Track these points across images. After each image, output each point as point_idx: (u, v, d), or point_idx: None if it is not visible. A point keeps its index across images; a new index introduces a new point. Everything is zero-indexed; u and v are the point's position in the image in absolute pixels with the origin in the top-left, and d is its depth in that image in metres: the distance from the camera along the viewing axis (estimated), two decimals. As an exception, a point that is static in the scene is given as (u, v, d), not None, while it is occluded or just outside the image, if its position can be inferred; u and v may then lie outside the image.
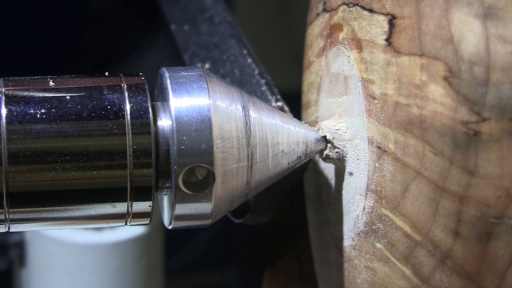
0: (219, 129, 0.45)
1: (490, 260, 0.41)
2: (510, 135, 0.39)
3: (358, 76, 0.47)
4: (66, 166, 0.44)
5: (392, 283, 0.45)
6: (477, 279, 0.41)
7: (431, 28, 0.41)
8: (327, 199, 0.53)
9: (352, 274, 0.49)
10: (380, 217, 0.45)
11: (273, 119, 0.48)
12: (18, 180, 0.44)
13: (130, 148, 0.45)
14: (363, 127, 0.47)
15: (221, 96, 0.46)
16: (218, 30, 0.62)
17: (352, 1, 0.48)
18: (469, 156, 0.40)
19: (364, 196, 0.47)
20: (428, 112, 0.41)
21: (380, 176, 0.45)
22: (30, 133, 0.44)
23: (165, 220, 0.49)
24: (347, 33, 0.49)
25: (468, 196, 0.40)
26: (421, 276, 0.43)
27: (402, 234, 0.44)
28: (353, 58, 0.48)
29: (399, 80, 0.43)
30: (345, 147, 0.49)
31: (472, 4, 0.40)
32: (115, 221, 0.47)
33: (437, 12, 0.41)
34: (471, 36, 0.40)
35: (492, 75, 0.39)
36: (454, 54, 0.40)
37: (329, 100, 0.52)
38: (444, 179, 0.41)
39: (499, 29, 0.39)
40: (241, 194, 0.47)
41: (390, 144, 0.44)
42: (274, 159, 0.48)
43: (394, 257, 0.45)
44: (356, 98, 0.48)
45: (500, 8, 0.40)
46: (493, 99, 0.39)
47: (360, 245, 0.48)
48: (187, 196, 0.46)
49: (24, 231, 0.70)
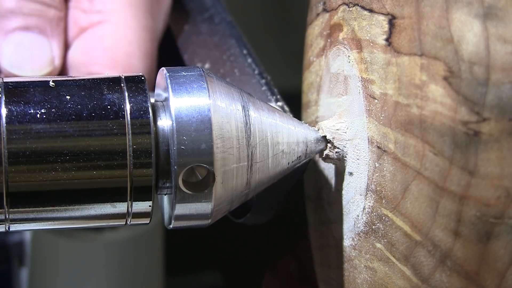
0: (219, 129, 0.45)
1: (490, 260, 0.41)
2: (510, 135, 0.39)
3: (358, 76, 0.47)
4: (66, 166, 0.44)
5: (392, 283, 0.45)
6: (477, 279, 0.41)
7: (431, 28, 0.41)
8: (327, 199, 0.53)
9: (352, 274, 0.49)
10: (380, 217, 0.45)
11: (273, 119, 0.48)
12: (18, 180, 0.44)
13: (130, 148, 0.45)
14: (363, 127, 0.47)
15: (221, 96, 0.46)
16: (218, 30, 0.62)
17: (352, 1, 0.48)
18: (469, 156, 0.40)
19: (364, 196, 0.47)
20: (428, 112, 0.41)
21: (380, 176, 0.45)
22: (30, 133, 0.44)
23: (165, 220, 0.49)
24: (347, 33, 0.49)
25: (468, 196, 0.40)
26: (421, 276, 0.43)
27: (402, 234, 0.44)
28: (353, 58, 0.48)
29: (399, 80, 0.43)
30: (345, 147, 0.49)
31: (472, 4, 0.40)
32: (115, 221, 0.47)
33: (437, 12, 0.41)
34: (471, 36, 0.40)
35: (492, 75, 0.39)
36: (454, 54, 0.40)
37: (329, 100, 0.52)
38: (444, 179, 0.41)
39: (499, 29, 0.39)
40: (241, 194, 0.47)
41: (390, 144, 0.44)
42: (274, 159, 0.48)
43: (394, 257, 0.45)
44: (356, 98, 0.48)
45: (500, 8, 0.40)
46: (493, 99, 0.39)
47: (360, 245, 0.48)
48: (187, 196, 0.46)
49: (24, 231, 0.70)
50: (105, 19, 0.56)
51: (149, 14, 0.58)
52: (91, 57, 0.55)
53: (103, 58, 0.55)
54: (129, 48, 0.56)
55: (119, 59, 0.55)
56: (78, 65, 0.56)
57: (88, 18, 0.56)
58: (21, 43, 0.55)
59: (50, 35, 0.56)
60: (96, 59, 0.55)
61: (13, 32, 0.55)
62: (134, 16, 0.57)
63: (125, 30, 0.56)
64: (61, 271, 0.72)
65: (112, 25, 0.56)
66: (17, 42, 0.55)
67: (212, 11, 0.64)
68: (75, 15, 0.57)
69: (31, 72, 0.55)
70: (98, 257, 0.72)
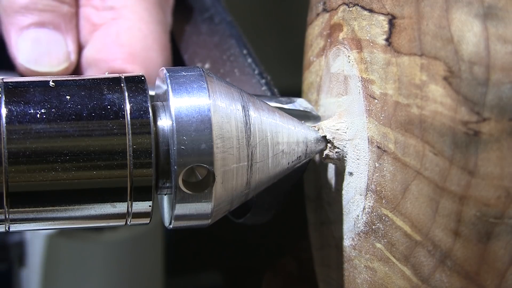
0: (219, 129, 0.45)
1: (490, 260, 0.41)
2: (510, 135, 0.39)
3: (358, 76, 0.47)
4: (66, 166, 0.44)
5: (392, 283, 0.45)
6: (477, 279, 0.41)
7: (431, 28, 0.41)
8: (327, 199, 0.53)
9: (352, 274, 0.49)
10: (380, 217, 0.45)
11: (273, 119, 0.48)
12: (18, 180, 0.44)
13: (130, 148, 0.45)
14: (363, 127, 0.47)
15: (221, 96, 0.46)
16: (218, 30, 0.62)
17: (352, 1, 0.48)
18: (469, 156, 0.40)
19: (364, 196, 0.47)
20: (428, 112, 0.41)
21: (380, 176, 0.45)
22: (30, 133, 0.44)
23: (165, 220, 0.49)
24: (347, 33, 0.49)
25: (468, 196, 0.40)
26: (421, 276, 0.43)
27: (402, 234, 0.44)
28: (353, 58, 0.48)
29: (399, 80, 0.43)
30: (345, 147, 0.49)
31: (472, 4, 0.40)
32: (115, 221, 0.47)
33: (437, 12, 0.41)
34: (471, 36, 0.40)
35: (492, 75, 0.39)
36: (454, 54, 0.40)
37: (329, 100, 0.52)
38: (444, 179, 0.41)
39: (499, 29, 0.39)
40: (241, 194, 0.47)
41: (390, 144, 0.44)
42: (274, 159, 0.48)
43: (394, 257, 0.45)
44: (356, 98, 0.48)
45: (500, 8, 0.40)
46: (493, 99, 0.39)
47: (360, 245, 0.48)
48: (187, 196, 0.46)
49: (24, 231, 0.70)
50: (118, 15, 0.56)
51: (159, 7, 0.58)
52: (110, 53, 0.56)
53: (122, 53, 0.56)
54: (146, 41, 0.56)
55: (138, 53, 0.56)
56: (98, 62, 0.56)
57: (101, 15, 0.57)
58: (37, 39, 0.55)
59: (65, 31, 0.56)
60: (115, 54, 0.56)
61: (28, 28, 0.56)
62: (146, 10, 0.57)
63: (139, 24, 0.56)
64: (61, 271, 0.72)
65: (126, 21, 0.56)
66: (33, 38, 0.55)
67: (212, 11, 0.64)
68: (87, 12, 0.57)
69: (48, 68, 0.55)
70: (98, 257, 0.72)
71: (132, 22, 0.56)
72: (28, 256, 0.75)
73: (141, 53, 0.56)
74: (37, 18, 0.55)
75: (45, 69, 0.55)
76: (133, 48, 0.56)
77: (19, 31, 0.56)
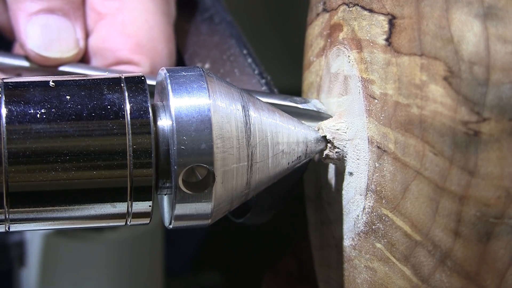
0: (219, 129, 0.45)
1: (490, 260, 0.41)
2: (510, 135, 0.39)
3: (358, 76, 0.47)
4: (66, 166, 0.44)
5: (392, 283, 0.45)
6: (477, 279, 0.41)
7: (431, 28, 0.41)
8: (327, 199, 0.53)
9: (352, 274, 0.49)
10: (380, 217, 0.45)
11: (273, 119, 0.48)
12: (18, 180, 0.44)
13: (130, 148, 0.45)
14: (363, 127, 0.47)
15: (221, 96, 0.46)
16: (218, 30, 0.62)
17: (352, 1, 0.48)
18: (469, 156, 0.40)
19: (364, 196, 0.47)
20: (428, 112, 0.41)
21: (380, 176, 0.45)
22: (30, 133, 0.44)
23: (165, 220, 0.49)
24: (347, 33, 0.49)
25: (468, 196, 0.40)
26: (421, 276, 0.43)
27: (402, 234, 0.44)
28: (353, 58, 0.48)
29: (399, 80, 0.43)
30: (345, 147, 0.49)
31: (472, 4, 0.40)
32: (115, 221, 0.47)
33: (437, 12, 0.41)
34: (471, 36, 0.40)
35: (492, 75, 0.39)
36: (454, 54, 0.40)
37: (329, 100, 0.52)
38: (444, 179, 0.41)
39: (499, 29, 0.39)
40: (241, 194, 0.47)
41: (390, 144, 0.44)
42: (274, 159, 0.48)
43: (394, 257, 0.45)
44: (356, 98, 0.48)
45: (500, 8, 0.40)
46: (493, 99, 0.39)
47: (360, 245, 0.48)
48: (187, 196, 0.46)
49: (24, 231, 0.70)
50: (123, 5, 0.56)
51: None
52: (116, 43, 0.56)
53: (128, 44, 0.56)
54: (152, 32, 0.56)
55: (144, 44, 0.56)
56: (104, 51, 0.56)
57: (106, 4, 0.57)
58: (47, 24, 0.55)
59: (73, 18, 0.56)
60: (122, 44, 0.56)
61: (37, 14, 0.55)
62: (151, 1, 0.57)
63: (145, 15, 0.56)
64: (61, 271, 0.72)
65: (132, 11, 0.56)
66: (42, 24, 0.55)
67: (212, 11, 0.64)
68: (92, 0, 0.57)
69: (59, 54, 0.55)
70: (98, 256, 0.72)
71: (137, 12, 0.56)
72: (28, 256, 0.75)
73: (148, 44, 0.56)
74: (46, 4, 0.55)
75: (56, 55, 0.55)
76: (139, 38, 0.56)
77: (28, 17, 0.55)
